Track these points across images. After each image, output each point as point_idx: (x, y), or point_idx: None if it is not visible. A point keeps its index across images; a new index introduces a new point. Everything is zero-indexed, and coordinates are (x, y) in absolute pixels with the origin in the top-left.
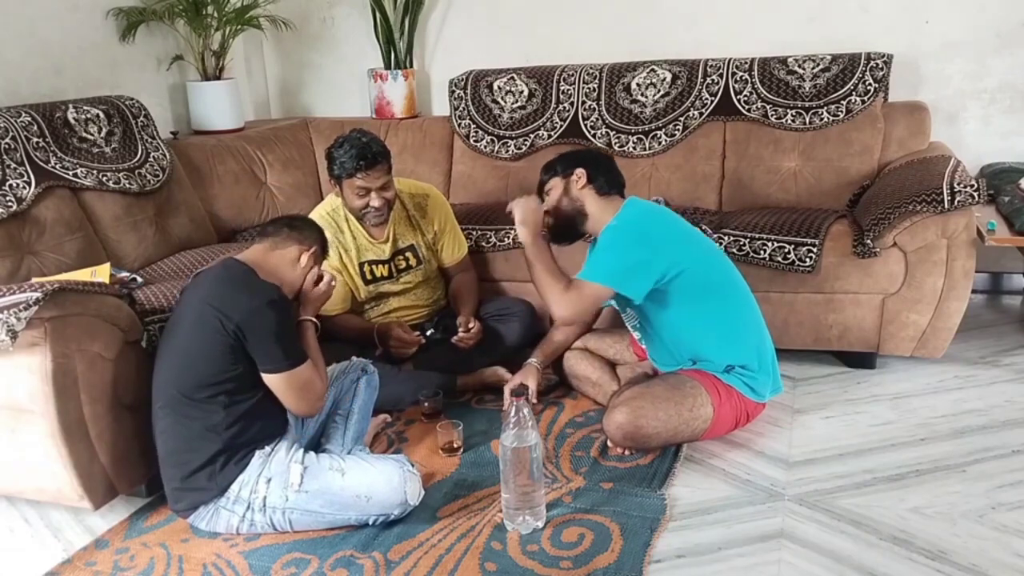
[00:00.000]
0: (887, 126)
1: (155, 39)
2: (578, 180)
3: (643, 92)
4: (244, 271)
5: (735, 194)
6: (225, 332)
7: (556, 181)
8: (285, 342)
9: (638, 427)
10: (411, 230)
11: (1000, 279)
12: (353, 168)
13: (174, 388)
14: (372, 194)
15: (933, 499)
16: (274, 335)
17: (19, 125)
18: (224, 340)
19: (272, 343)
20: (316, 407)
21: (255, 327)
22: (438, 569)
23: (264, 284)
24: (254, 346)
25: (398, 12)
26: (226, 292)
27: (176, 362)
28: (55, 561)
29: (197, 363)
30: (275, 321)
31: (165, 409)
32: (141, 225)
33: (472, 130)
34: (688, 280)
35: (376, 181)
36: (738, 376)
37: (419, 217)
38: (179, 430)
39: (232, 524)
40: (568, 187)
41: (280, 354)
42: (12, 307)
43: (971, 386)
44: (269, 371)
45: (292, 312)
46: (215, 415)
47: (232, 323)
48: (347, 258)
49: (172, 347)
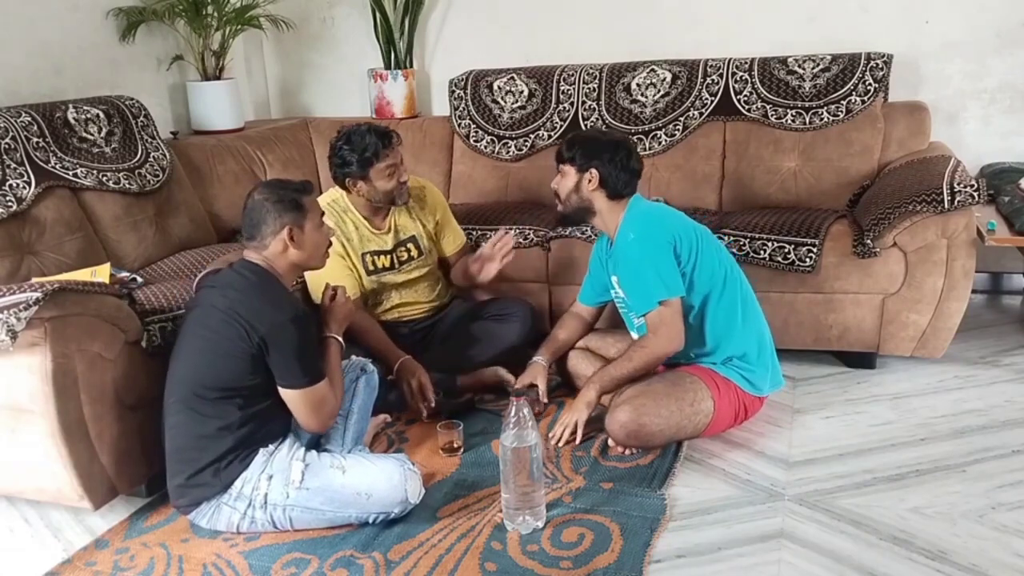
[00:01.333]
0: (887, 126)
1: (155, 39)
2: (590, 182)
3: (643, 92)
4: (268, 277)
5: (735, 194)
6: (249, 341)
7: (571, 170)
8: (305, 359)
9: (641, 425)
10: (412, 221)
11: (1000, 279)
12: (377, 150)
13: (191, 386)
14: (400, 168)
15: (933, 499)
16: (296, 351)
17: (19, 125)
18: (247, 349)
19: (293, 359)
20: (327, 424)
21: (279, 342)
22: (438, 569)
23: (290, 298)
24: (275, 360)
25: (398, 12)
26: (254, 302)
27: (196, 360)
28: (55, 561)
29: (217, 365)
30: (298, 338)
31: (178, 404)
32: (141, 225)
33: (472, 130)
34: (698, 271)
35: (398, 156)
36: (735, 368)
37: (418, 208)
38: (192, 427)
39: (233, 521)
40: (580, 184)
41: (299, 371)
42: (12, 307)
43: (971, 386)
44: (286, 386)
45: (314, 329)
46: (230, 416)
47: (257, 335)
48: (349, 247)
49: (193, 346)
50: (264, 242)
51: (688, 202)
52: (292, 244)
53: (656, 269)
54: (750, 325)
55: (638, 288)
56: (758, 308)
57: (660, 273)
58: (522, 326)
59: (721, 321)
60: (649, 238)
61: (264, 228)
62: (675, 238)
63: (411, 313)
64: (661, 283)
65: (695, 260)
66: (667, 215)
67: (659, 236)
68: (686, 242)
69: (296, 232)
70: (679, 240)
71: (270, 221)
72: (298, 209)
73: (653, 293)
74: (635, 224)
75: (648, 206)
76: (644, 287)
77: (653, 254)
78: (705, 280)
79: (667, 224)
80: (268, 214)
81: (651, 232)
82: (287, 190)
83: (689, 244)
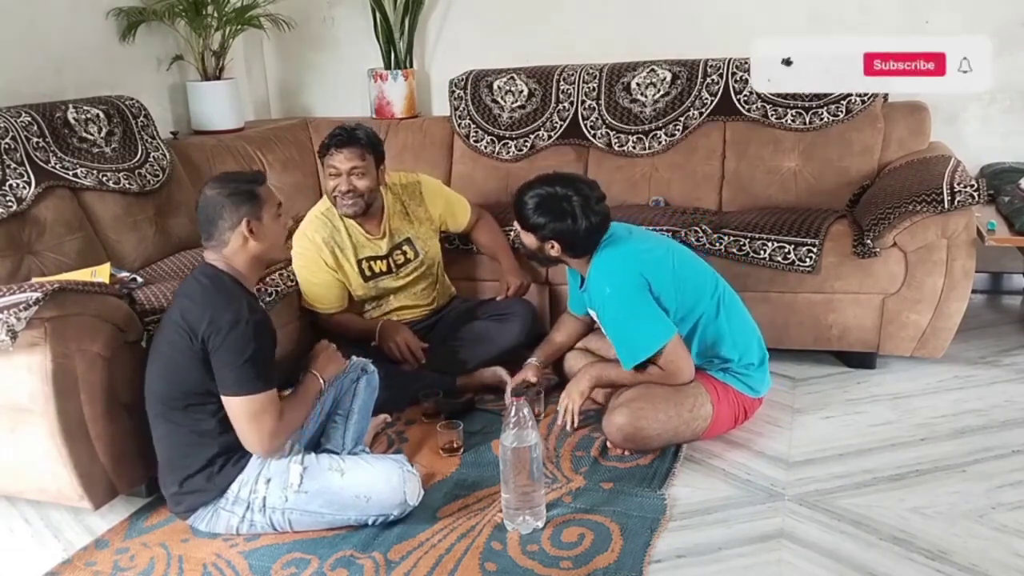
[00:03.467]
0: (887, 126)
1: (155, 39)
2: (552, 248)
3: (643, 92)
4: (223, 283)
5: (735, 194)
6: (193, 346)
7: (529, 236)
8: (245, 365)
9: (638, 429)
10: (407, 223)
11: (1000, 279)
12: (326, 146)
13: (161, 398)
14: (341, 176)
15: (933, 499)
16: (233, 355)
17: (19, 125)
18: (195, 354)
19: (229, 363)
20: (268, 446)
21: (216, 344)
22: (438, 569)
23: (240, 301)
24: (214, 363)
25: (398, 12)
26: (198, 308)
27: (160, 374)
28: (55, 561)
29: (179, 375)
30: (237, 341)
31: (158, 418)
32: (141, 225)
33: (472, 130)
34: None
35: (346, 163)
36: (733, 375)
37: (415, 207)
38: (173, 438)
39: (232, 525)
40: (543, 248)
41: (233, 377)
42: (12, 307)
43: (971, 386)
44: (224, 392)
45: (267, 336)
46: (204, 422)
47: (198, 338)
48: (343, 257)
49: (155, 357)
50: (223, 238)
51: (688, 202)
52: (252, 236)
53: (641, 320)
54: (741, 331)
55: (627, 341)
56: (744, 311)
57: (647, 322)
58: (522, 326)
59: (712, 335)
60: (624, 288)
61: (221, 224)
62: (648, 280)
63: (411, 316)
64: (652, 332)
65: (676, 289)
66: (635, 256)
67: (632, 281)
68: (661, 276)
69: (255, 224)
70: (652, 280)
71: (226, 216)
72: (253, 200)
73: (647, 345)
74: (607, 275)
75: (616, 247)
76: (634, 339)
77: (633, 304)
78: (691, 304)
79: (638, 268)
80: (223, 209)
81: (624, 281)
82: (239, 182)
83: (663, 279)
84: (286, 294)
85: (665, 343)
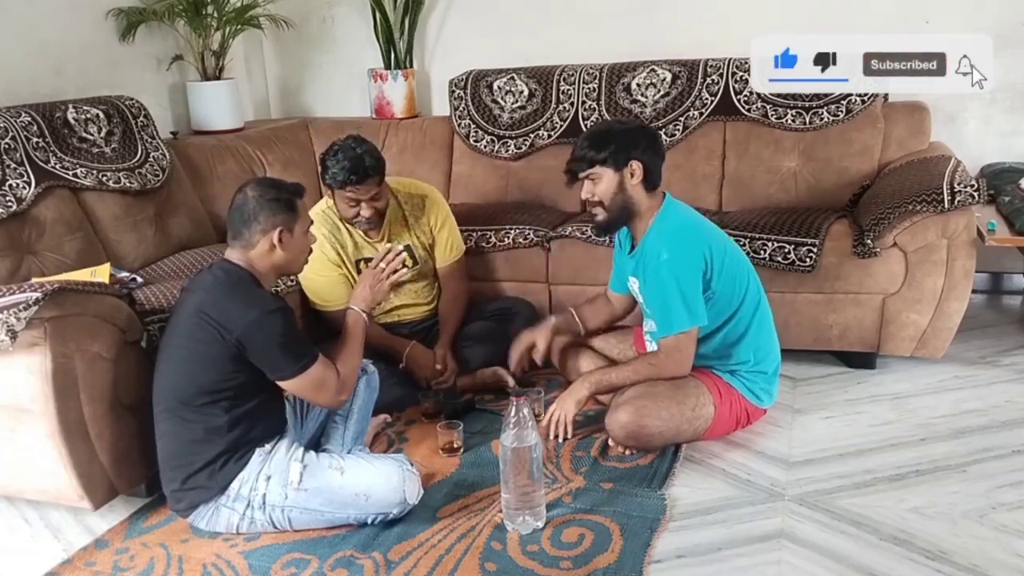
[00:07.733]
0: (887, 126)
1: (155, 39)
2: (633, 176)
3: (643, 92)
4: (240, 277)
5: (735, 194)
6: (225, 343)
7: (606, 171)
8: (288, 349)
9: (642, 426)
10: (406, 231)
11: (1000, 279)
12: (343, 181)
13: (174, 395)
14: (362, 204)
15: (933, 499)
16: (277, 345)
17: (19, 125)
18: (225, 350)
19: (275, 353)
20: (339, 399)
21: (255, 340)
22: (438, 569)
23: (259, 293)
24: (258, 358)
25: (398, 12)
26: (222, 303)
27: (175, 368)
28: (55, 561)
29: (197, 371)
30: (274, 330)
31: (165, 414)
32: (141, 225)
33: (472, 130)
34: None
35: (366, 193)
36: (741, 379)
37: (416, 217)
38: (180, 434)
39: (232, 522)
40: (622, 182)
41: (283, 362)
42: (12, 307)
43: (971, 386)
44: (278, 378)
45: (292, 317)
46: (217, 419)
47: (232, 336)
48: (344, 254)
49: (171, 354)
50: (252, 239)
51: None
52: (280, 246)
53: (683, 296)
54: (767, 337)
55: (662, 311)
56: (771, 321)
57: (687, 300)
58: (523, 325)
59: (738, 333)
60: (681, 260)
61: (254, 226)
62: (708, 252)
63: (411, 315)
64: (686, 311)
65: (724, 274)
66: (701, 228)
67: (692, 257)
68: (718, 256)
69: (285, 235)
70: (711, 255)
71: (262, 219)
72: (292, 210)
73: (676, 320)
74: (669, 240)
75: (682, 216)
76: (668, 311)
77: (683, 279)
78: (729, 294)
79: (702, 238)
80: (261, 212)
81: (684, 253)
82: (282, 190)
83: (720, 257)
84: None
85: (689, 329)
